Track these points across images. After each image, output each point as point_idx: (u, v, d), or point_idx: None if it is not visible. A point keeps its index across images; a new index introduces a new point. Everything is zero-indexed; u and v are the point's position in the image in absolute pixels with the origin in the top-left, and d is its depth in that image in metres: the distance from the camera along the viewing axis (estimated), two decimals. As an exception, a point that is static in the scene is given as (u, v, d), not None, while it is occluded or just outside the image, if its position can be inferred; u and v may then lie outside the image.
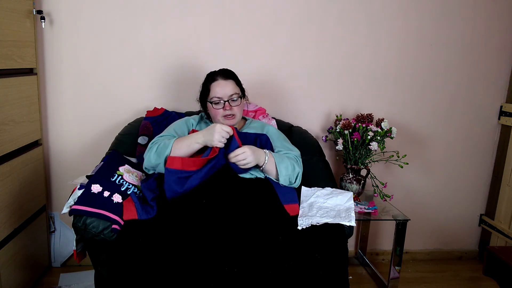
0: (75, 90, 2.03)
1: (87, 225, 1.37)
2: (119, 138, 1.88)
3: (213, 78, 1.68)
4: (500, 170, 2.34)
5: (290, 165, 1.59)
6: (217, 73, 1.69)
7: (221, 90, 1.64)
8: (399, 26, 2.17)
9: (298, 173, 1.62)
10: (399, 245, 1.94)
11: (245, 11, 2.06)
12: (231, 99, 1.65)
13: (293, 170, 1.59)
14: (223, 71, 1.70)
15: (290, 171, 1.58)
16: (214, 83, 1.66)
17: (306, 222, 1.37)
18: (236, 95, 1.66)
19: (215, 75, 1.68)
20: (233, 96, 1.65)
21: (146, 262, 1.20)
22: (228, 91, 1.64)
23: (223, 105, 1.64)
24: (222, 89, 1.64)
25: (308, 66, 2.15)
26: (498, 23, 2.24)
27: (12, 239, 1.76)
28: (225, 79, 1.67)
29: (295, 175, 1.60)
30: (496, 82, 2.31)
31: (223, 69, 1.72)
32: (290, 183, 1.60)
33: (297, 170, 1.61)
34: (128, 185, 1.51)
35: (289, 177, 1.58)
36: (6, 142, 1.69)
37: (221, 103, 1.64)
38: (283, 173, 1.57)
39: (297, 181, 1.62)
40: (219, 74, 1.68)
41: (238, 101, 1.67)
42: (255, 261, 1.21)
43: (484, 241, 2.47)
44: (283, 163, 1.58)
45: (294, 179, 1.61)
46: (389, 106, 2.25)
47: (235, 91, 1.66)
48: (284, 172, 1.57)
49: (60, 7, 1.94)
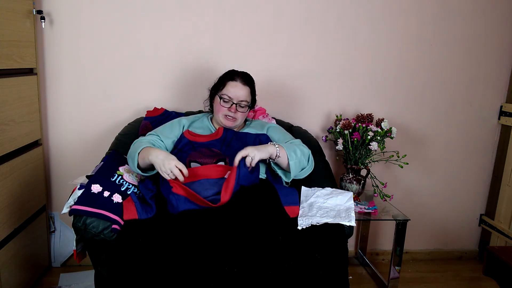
0: (75, 90, 2.03)
1: (87, 225, 1.37)
2: (119, 138, 1.88)
3: (232, 77, 1.67)
4: (500, 170, 2.34)
5: (298, 149, 1.58)
6: (239, 74, 1.69)
7: (235, 92, 1.64)
8: (399, 26, 2.17)
9: (309, 154, 1.62)
10: (399, 245, 1.94)
11: (246, 11, 2.06)
12: (239, 104, 1.65)
13: (302, 152, 1.59)
14: (244, 75, 1.70)
15: (299, 155, 1.57)
16: (232, 82, 1.66)
17: (306, 222, 1.37)
18: (245, 103, 1.66)
19: (235, 75, 1.68)
20: (242, 102, 1.65)
21: (146, 262, 1.20)
22: (240, 96, 1.65)
23: (230, 105, 1.64)
24: (236, 91, 1.64)
25: (308, 66, 2.15)
26: (498, 23, 2.24)
27: (12, 239, 1.76)
28: (243, 83, 1.66)
29: (306, 157, 1.60)
30: (496, 82, 2.31)
31: (246, 73, 1.71)
32: (303, 168, 1.59)
33: (306, 152, 1.62)
34: (128, 185, 1.51)
35: (299, 160, 1.57)
36: (6, 142, 1.69)
37: (229, 103, 1.64)
38: (294, 157, 1.55)
39: (310, 162, 1.62)
40: (240, 76, 1.68)
41: (245, 108, 1.68)
42: (255, 261, 1.21)
43: (484, 241, 2.47)
44: (292, 148, 1.57)
45: (306, 160, 1.60)
46: (389, 106, 2.25)
47: (247, 99, 1.67)
48: (294, 156, 1.55)
49: (60, 7, 1.94)
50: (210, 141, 1.65)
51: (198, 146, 1.62)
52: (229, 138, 1.66)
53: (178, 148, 1.62)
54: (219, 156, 1.57)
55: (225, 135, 1.67)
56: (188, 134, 1.66)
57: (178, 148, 1.62)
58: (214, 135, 1.67)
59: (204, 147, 1.62)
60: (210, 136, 1.67)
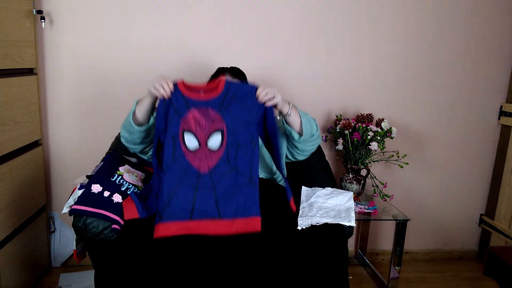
0: (75, 90, 2.03)
1: (87, 225, 1.37)
2: (119, 138, 1.87)
3: (222, 72, 1.68)
4: (500, 170, 2.34)
5: (308, 115, 1.56)
6: (227, 69, 1.69)
7: None
8: (400, 26, 2.17)
9: (316, 124, 1.59)
10: (399, 245, 1.94)
11: (246, 11, 2.06)
12: None
13: (311, 119, 1.57)
14: (233, 69, 1.70)
15: (309, 118, 1.56)
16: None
17: (306, 222, 1.37)
18: None
19: (224, 70, 1.68)
20: None
21: (146, 262, 1.20)
22: None
23: None
24: None
25: (308, 66, 2.15)
26: (498, 23, 2.24)
27: (12, 239, 1.76)
28: (232, 77, 1.66)
29: (315, 124, 1.57)
30: (496, 82, 2.31)
31: (235, 68, 1.71)
32: (313, 134, 1.56)
33: (314, 121, 1.58)
34: (128, 185, 1.51)
35: (310, 123, 1.54)
36: (6, 142, 1.69)
37: None
38: (305, 117, 1.53)
39: (318, 131, 1.59)
40: (229, 70, 1.68)
41: None
42: (255, 261, 1.22)
43: (484, 241, 2.47)
44: (302, 112, 1.55)
45: (315, 127, 1.57)
46: (389, 106, 2.25)
47: None
48: (305, 117, 1.53)
49: (60, 7, 1.94)
50: (207, 100, 1.44)
51: (192, 105, 1.42)
52: (230, 96, 1.45)
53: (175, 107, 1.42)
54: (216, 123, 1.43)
55: (227, 90, 1.44)
56: (182, 86, 1.44)
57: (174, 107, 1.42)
58: (213, 88, 1.44)
59: (200, 108, 1.43)
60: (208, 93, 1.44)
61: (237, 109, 1.43)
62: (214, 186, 1.40)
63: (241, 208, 1.37)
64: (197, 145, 1.41)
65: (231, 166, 1.42)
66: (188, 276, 1.17)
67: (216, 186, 1.39)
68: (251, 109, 1.44)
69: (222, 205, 1.37)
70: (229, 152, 1.42)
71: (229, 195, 1.39)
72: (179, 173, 1.38)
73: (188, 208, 1.36)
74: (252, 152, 1.44)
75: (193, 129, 1.41)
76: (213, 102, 1.43)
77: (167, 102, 1.40)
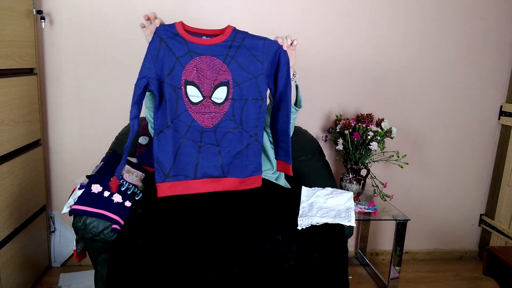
0: (75, 90, 2.03)
1: (87, 225, 1.37)
2: (119, 138, 1.88)
3: None
4: (500, 170, 2.35)
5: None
6: None
7: None
8: (400, 26, 2.17)
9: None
10: (399, 245, 1.94)
11: (246, 11, 2.06)
12: None
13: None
14: None
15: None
16: None
17: (306, 222, 1.37)
18: None
19: None
20: None
21: (146, 262, 1.20)
22: None
23: None
24: None
25: (308, 66, 2.15)
26: (498, 24, 2.24)
27: (12, 239, 1.76)
28: None
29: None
30: (496, 82, 2.31)
31: None
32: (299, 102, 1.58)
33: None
34: (128, 185, 1.51)
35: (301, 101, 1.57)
36: (6, 142, 1.69)
37: None
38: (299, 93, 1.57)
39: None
40: None
41: None
42: (255, 261, 1.22)
43: (484, 241, 2.47)
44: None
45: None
46: (389, 106, 2.25)
47: None
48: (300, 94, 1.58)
49: (60, 7, 1.94)
50: (211, 46, 1.33)
51: (195, 52, 1.32)
52: (237, 44, 1.34)
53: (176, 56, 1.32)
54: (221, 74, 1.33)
55: (233, 38, 1.34)
56: (181, 28, 1.32)
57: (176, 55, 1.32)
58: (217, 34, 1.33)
59: (204, 56, 1.33)
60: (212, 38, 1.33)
61: (245, 60, 1.34)
62: (218, 143, 1.36)
63: (245, 167, 1.38)
64: (201, 98, 1.34)
65: (236, 124, 1.37)
66: (188, 276, 1.17)
67: (220, 144, 1.37)
68: (260, 61, 1.33)
69: (226, 164, 1.38)
70: (235, 107, 1.36)
71: (233, 154, 1.38)
72: (182, 127, 1.34)
73: (192, 163, 1.34)
74: (259, 109, 1.37)
75: (196, 80, 1.32)
76: (218, 48, 1.32)
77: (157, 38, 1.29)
